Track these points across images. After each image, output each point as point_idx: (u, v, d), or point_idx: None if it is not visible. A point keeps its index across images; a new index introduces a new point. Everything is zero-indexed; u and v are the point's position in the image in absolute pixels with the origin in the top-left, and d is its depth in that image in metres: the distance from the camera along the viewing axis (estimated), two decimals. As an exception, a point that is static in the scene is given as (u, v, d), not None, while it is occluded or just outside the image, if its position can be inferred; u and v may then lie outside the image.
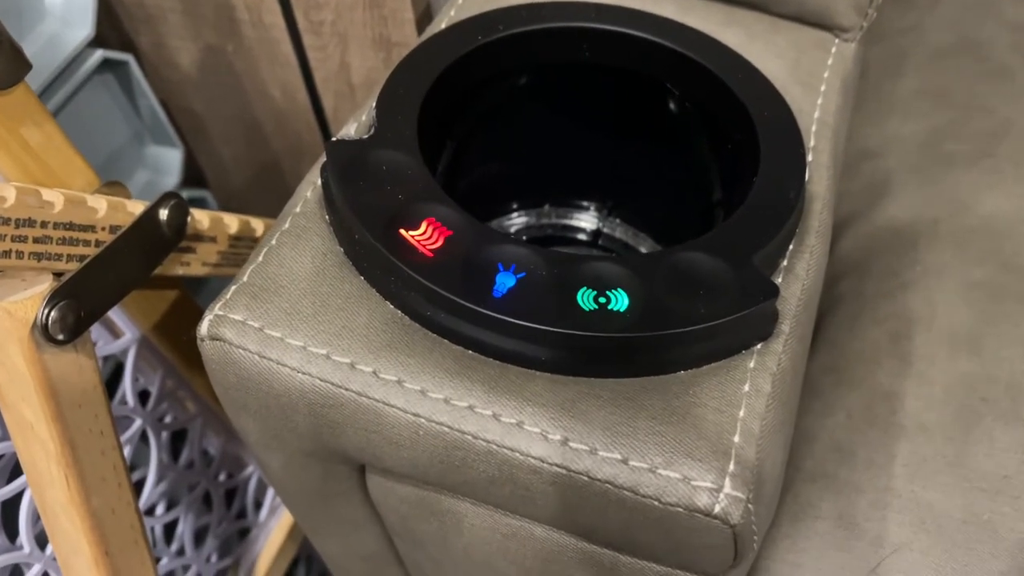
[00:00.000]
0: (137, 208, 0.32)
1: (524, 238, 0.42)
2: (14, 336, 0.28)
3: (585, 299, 0.26)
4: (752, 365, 0.27)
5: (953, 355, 0.38)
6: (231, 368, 0.27)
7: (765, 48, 0.36)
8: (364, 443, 0.27)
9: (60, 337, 0.29)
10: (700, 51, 0.34)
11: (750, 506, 0.24)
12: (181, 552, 0.46)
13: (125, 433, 0.40)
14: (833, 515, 0.34)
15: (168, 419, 0.44)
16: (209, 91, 0.51)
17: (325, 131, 0.50)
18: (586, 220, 0.43)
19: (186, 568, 0.47)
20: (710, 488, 0.24)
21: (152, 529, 0.44)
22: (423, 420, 0.25)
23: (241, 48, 0.47)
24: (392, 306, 0.27)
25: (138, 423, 0.40)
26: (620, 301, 0.26)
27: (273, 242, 0.29)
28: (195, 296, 0.42)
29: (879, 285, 0.42)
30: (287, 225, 0.29)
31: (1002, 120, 0.49)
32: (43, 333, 0.28)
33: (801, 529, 0.35)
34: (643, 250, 0.42)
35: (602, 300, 0.26)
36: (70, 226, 0.29)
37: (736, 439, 0.25)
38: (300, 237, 0.29)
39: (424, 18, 0.42)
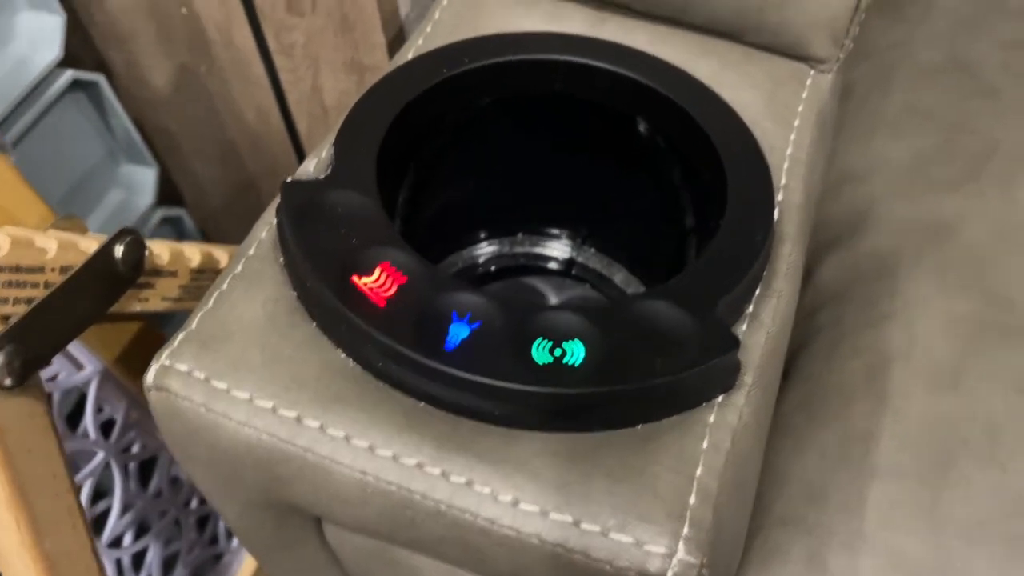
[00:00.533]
0: (91, 246, 0.31)
1: (494, 268, 0.41)
2: (-43, 383, 0.27)
3: (540, 351, 0.25)
4: (712, 420, 0.26)
5: (931, 392, 0.37)
6: (177, 419, 0.26)
7: (739, 79, 0.35)
8: (313, 499, 0.26)
9: (6, 383, 0.28)
10: (669, 85, 0.33)
11: (704, 571, 0.23)
12: (150, 581, 0.46)
13: (88, 465, 0.40)
14: (803, 559, 0.34)
15: (135, 449, 0.43)
16: (183, 111, 0.50)
17: (300, 152, 0.49)
18: (559, 249, 0.42)
19: (156, 597, 0.46)
20: (663, 554, 0.23)
21: (118, 561, 0.43)
22: (371, 478, 0.25)
23: (213, 68, 0.46)
24: (344, 355, 0.27)
25: (101, 456, 0.40)
26: (576, 354, 0.25)
27: (224, 287, 0.28)
28: (163, 324, 0.42)
29: (858, 316, 0.41)
30: (240, 268, 0.29)
31: (988, 141, 0.48)
32: (-12, 379, 0.28)
33: (770, 573, 0.34)
34: (617, 279, 0.42)
35: (557, 352, 0.25)
36: (17, 269, 0.28)
37: (692, 500, 0.24)
38: (252, 282, 0.28)
39: (396, 42, 0.41)
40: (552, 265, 0.42)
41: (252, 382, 0.26)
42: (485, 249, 0.42)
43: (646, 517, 0.24)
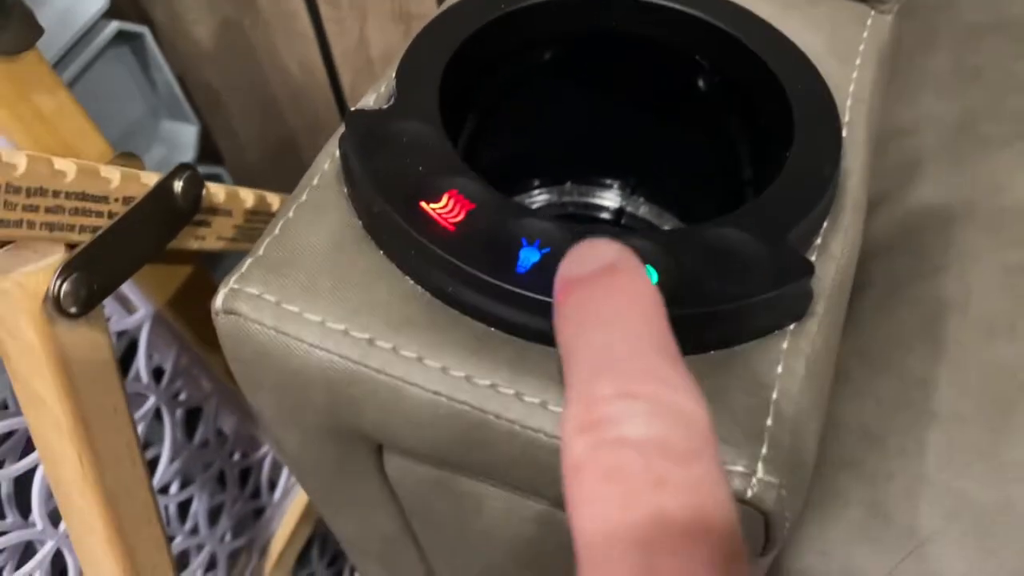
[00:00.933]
0: (151, 179, 0.31)
1: (545, 216, 0.41)
2: (25, 309, 0.27)
3: (612, 276, 0.25)
4: (786, 346, 0.26)
5: (989, 341, 0.37)
6: (247, 343, 0.26)
7: (800, 20, 0.34)
8: (383, 421, 0.26)
9: (72, 310, 0.28)
10: (732, 22, 0.32)
11: (783, 492, 0.23)
12: (195, 531, 0.46)
13: (139, 410, 0.40)
14: (863, 503, 0.34)
15: (183, 396, 0.43)
16: (225, 66, 0.50)
17: (343, 107, 0.49)
18: (609, 198, 0.42)
19: (200, 547, 0.46)
20: (742, 473, 0.23)
21: (166, 507, 0.43)
22: (444, 399, 0.24)
23: (258, 22, 0.46)
24: (412, 281, 0.26)
25: (152, 400, 0.40)
26: (649, 277, 0.25)
27: (290, 215, 0.28)
28: (211, 272, 0.42)
29: (911, 267, 0.41)
30: (304, 198, 0.28)
31: (1039, 100, 0.48)
32: (55, 306, 0.28)
33: (829, 517, 0.34)
34: (669, 227, 0.41)
35: (630, 277, 0.25)
36: (83, 196, 0.28)
37: (769, 422, 0.24)
38: (318, 210, 0.28)
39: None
40: (602, 214, 0.42)
41: (322, 305, 0.26)
42: (536, 197, 0.42)
43: (724, 438, 0.23)
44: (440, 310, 0.26)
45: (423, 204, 0.26)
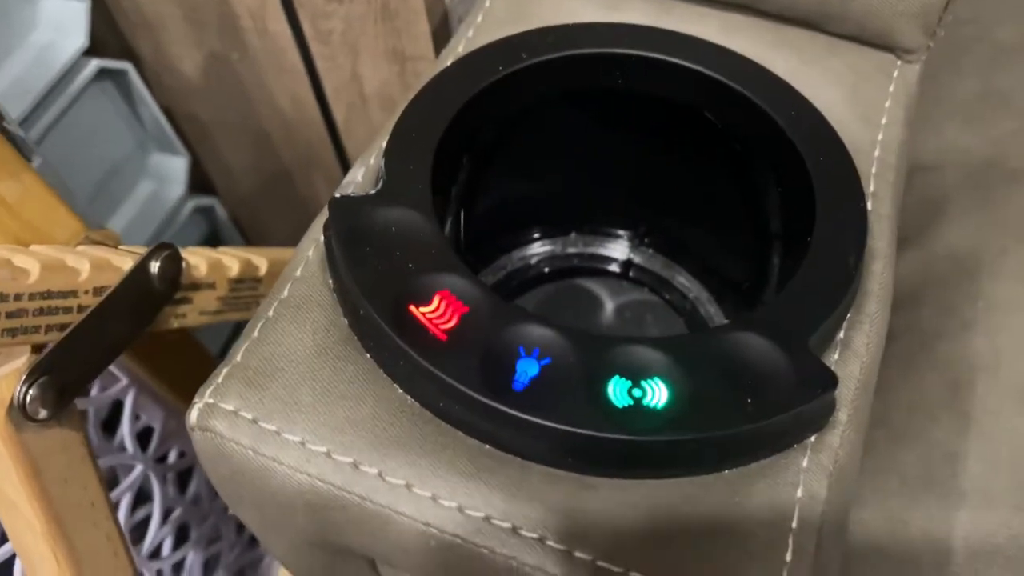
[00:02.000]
0: (125, 263, 0.29)
1: (547, 269, 0.39)
2: (-11, 417, 0.26)
3: (618, 393, 0.23)
4: (805, 464, 0.24)
5: (1021, 409, 0.34)
6: (223, 461, 0.24)
7: (820, 75, 0.32)
8: (371, 546, 0.24)
9: (41, 415, 0.27)
10: (745, 82, 0.30)
11: (804, 638, 0.21)
12: (191, 587, 0.45)
13: (127, 478, 0.38)
14: (886, 595, 0.32)
15: (172, 458, 0.41)
16: (214, 99, 0.48)
17: (336, 140, 0.47)
18: (616, 249, 0.39)
19: (196, 604, 0.45)
20: (758, 621, 0.21)
21: (160, 571, 0.42)
22: (434, 531, 0.23)
23: (246, 56, 0.44)
24: (401, 391, 0.24)
25: (139, 469, 0.38)
26: (658, 395, 0.23)
27: (270, 314, 0.26)
28: (198, 330, 0.40)
29: (936, 323, 0.39)
30: (286, 293, 0.26)
31: (1073, 131, 0.45)
32: (22, 413, 0.26)
33: (851, 609, 0.32)
34: (678, 282, 0.39)
35: (637, 393, 0.23)
36: (48, 295, 0.26)
37: (788, 558, 0.22)
38: (300, 308, 0.26)
39: (441, 30, 0.38)
40: (609, 266, 0.40)
41: (304, 424, 0.24)
42: (538, 249, 0.40)
43: (740, 578, 0.21)
44: (431, 425, 0.24)
45: (412, 308, 0.24)
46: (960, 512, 0.32)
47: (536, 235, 0.39)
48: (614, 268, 0.40)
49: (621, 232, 0.39)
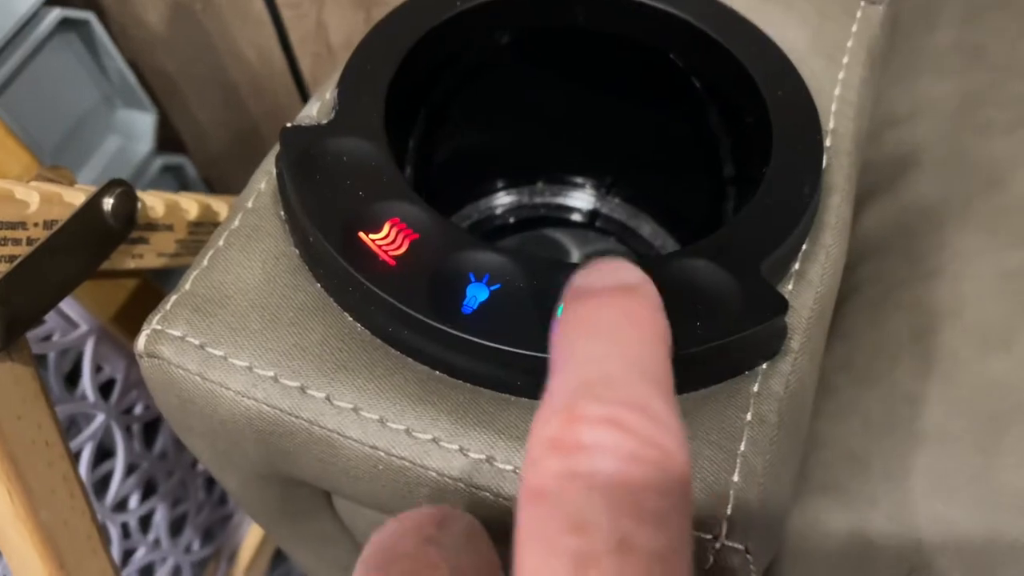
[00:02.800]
0: (77, 198, 0.29)
1: (512, 219, 0.39)
2: (-65, 348, 0.25)
3: (567, 315, 0.23)
4: (756, 389, 0.23)
5: (983, 354, 0.34)
6: (171, 388, 0.24)
7: (784, 13, 0.32)
8: (320, 473, 0.24)
9: (-11, 347, 0.26)
10: (708, 20, 0.30)
11: (748, 556, 0.21)
12: (158, 543, 0.44)
13: (88, 428, 0.38)
14: (845, 531, 0.32)
15: (138, 410, 0.41)
16: (180, 51, 0.47)
17: (304, 93, 0.46)
18: (581, 199, 0.39)
19: (164, 559, 0.45)
20: (703, 539, 0.21)
21: (125, 524, 0.42)
22: (382, 454, 0.22)
23: (210, 7, 0.43)
24: (351, 318, 0.24)
25: (101, 418, 0.38)
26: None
27: (220, 243, 0.26)
28: (161, 279, 0.39)
29: (903, 271, 0.39)
30: (236, 223, 0.26)
31: (1043, 84, 0.45)
32: (-32, 344, 0.26)
33: (809, 547, 0.32)
34: (645, 231, 0.39)
35: (587, 316, 0.23)
36: (-5, 224, 0.26)
37: (735, 479, 0.22)
38: (251, 238, 0.26)
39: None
40: (575, 216, 0.39)
41: (251, 349, 0.23)
42: (503, 199, 0.39)
43: (685, 498, 0.21)
44: (380, 351, 0.24)
45: (362, 235, 0.24)
46: (920, 453, 0.32)
47: (501, 185, 0.39)
48: (580, 218, 0.39)
49: (586, 182, 0.39)
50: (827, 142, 0.29)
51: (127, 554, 0.43)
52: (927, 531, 0.31)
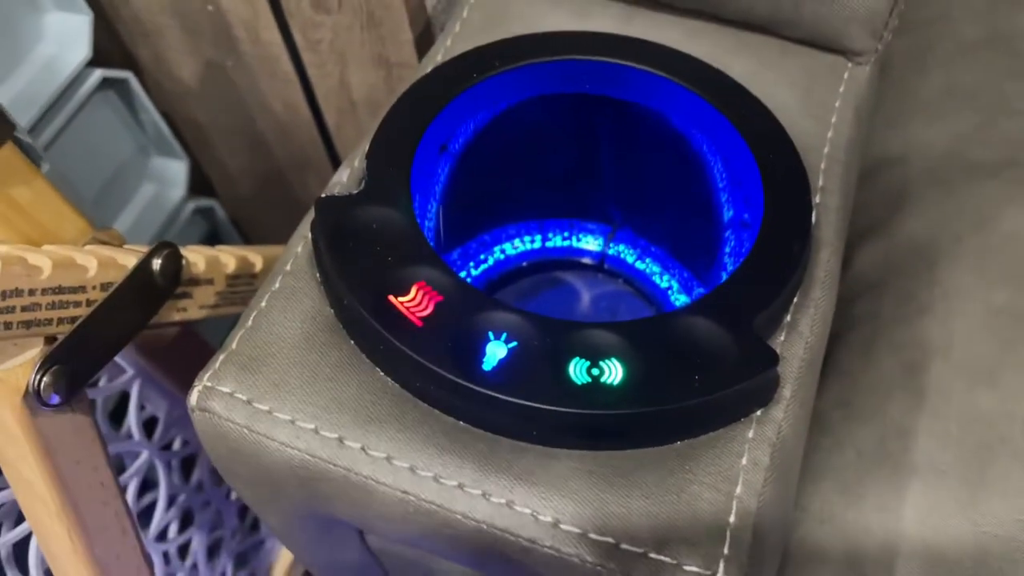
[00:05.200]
0: (129, 260, 0.31)
1: (526, 263, 0.41)
2: (7, 403, 0.28)
3: (578, 371, 0.25)
4: (751, 435, 0.26)
5: (970, 388, 0.37)
6: (221, 440, 0.27)
7: (776, 77, 0.34)
8: (356, 515, 0.27)
9: (54, 401, 0.29)
10: (704, 86, 0.32)
11: (745, 590, 0.24)
12: (195, 568, 0.47)
13: (134, 464, 0.41)
14: (840, 560, 0.34)
15: (177, 445, 0.44)
16: (211, 104, 0.50)
17: (328, 143, 0.49)
18: (591, 243, 0.42)
19: (201, 584, 0.47)
20: (702, 574, 0.23)
21: (166, 552, 0.44)
22: (412, 498, 0.25)
23: (241, 64, 0.46)
24: (382, 373, 0.27)
25: (145, 455, 0.41)
26: (615, 374, 0.25)
27: (263, 304, 0.28)
28: (199, 325, 0.42)
29: (895, 308, 0.41)
30: (277, 286, 0.29)
31: (1031, 124, 0.47)
32: (36, 398, 0.28)
33: (809, 574, 0.34)
34: (651, 272, 0.41)
35: (595, 372, 0.25)
36: (59, 290, 0.28)
37: (732, 519, 0.24)
38: (290, 299, 0.28)
39: (423, 36, 0.41)
40: (584, 259, 0.42)
41: (293, 403, 0.26)
42: (519, 244, 0.42)
43: (686, 538, 0.24)
44: (410, 404, 0.26)
45: (391, 298, 0.26)
46: (911, 484, 0.35)
47: (515, 231, 0.42)
48: (590, 261, 0.42)
49: (595, 227, 0.42)
50: (817, 199, 0.31)
51: (166, 581, 0.45)
52: (917, 561, 0.33)
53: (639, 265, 0.41)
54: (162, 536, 0.44)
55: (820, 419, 0.39)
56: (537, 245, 0.42)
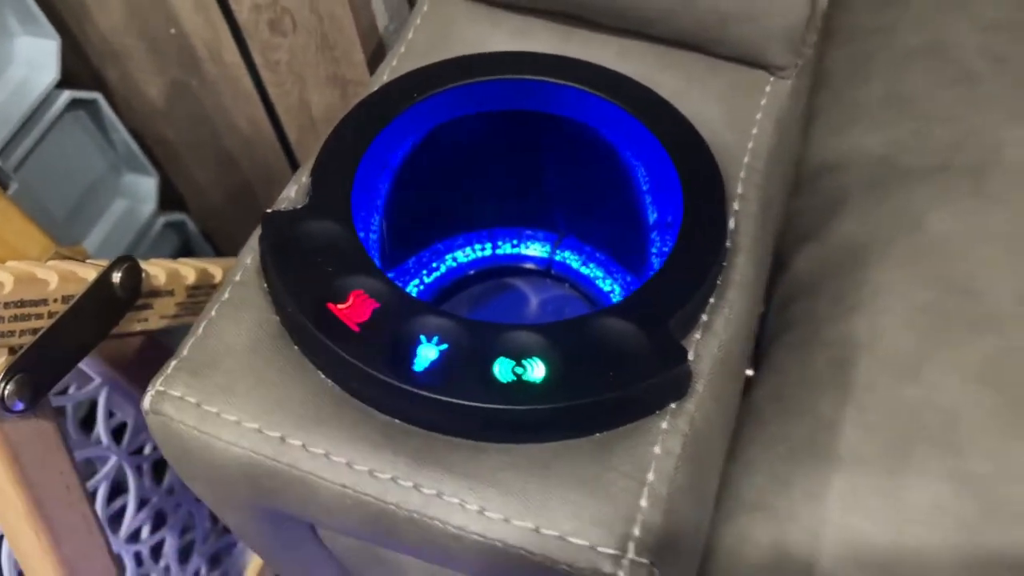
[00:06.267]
0: (90, 274, 0.33)
1: (474, 271, 0.43)
2: (-27, 410, 0.30)
3: (502, 370, 0.27)
4: (664, 426, 0.28)
5: (894, 382, 0.39)
6: (173, 440, 0.29)
7: (702, 92, 0.36)
8: (301, 508, 0.29)
9: (18, 408, 0.31)
10: (631, 102, 0.34)
11: (655, 569, 0.25)
12: (168, 570, 0.49)
13: (103, 468, 0.42)
14: (767, 545, 0.36)
15: (147, 450, 0.46)
16: (179, 122, 0.52)
17: (291, 157, 0.51)
18: (538, 250, 0.44)
19: (174, 585, 0.49)
20: (614, 555, 0.25)
21: (138, 553, 0.46)
22: (350, 491, 0.27)
23: (205, 83, 0.48)
24: (323, 376, 0.29)
25: (114, 459, 0.42)
26: (536, 371, 0.27)
27: (213, 313, 0.30)
28: (165, 333, 0.44)
29: (828, 308, 0.43)
30: (226, 296, 0.31)
31: (963, 130, 0.49)
32: (1, 406, 0.30)
33: (736, 560, 0.36)
34: (595, 276, 0.43)
35: (519, 370, 0.27)
36: (21, 303, 0.30)
37: (643, 503, 0.26)
38: (238, 308, 0.30)
39: (376, 57, 0.43)
40: (532, 266, 0.44)
41: (239, 406, 0.28)
42: (469, 253, 0.44)
43: (599, 522, 0.26)
44: (348, 404, 0.28)
45: (331, 305, 0.28)
46: (836, 473, 0.37)
47: (468, 240, 0.44)
48: (538, 267, 0.44)
49: (542, 235, 0.44)
50: (736, 206, 0.33)
51: (139, 582, 0.47)
52: (839, 544, 0.35)
53: (584, 270, 0.43)
54: (134, 537, 0.46)
55: (756, 414, 0.41)
56: (488, 253, 0.44)
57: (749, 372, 0.44)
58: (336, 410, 0.28)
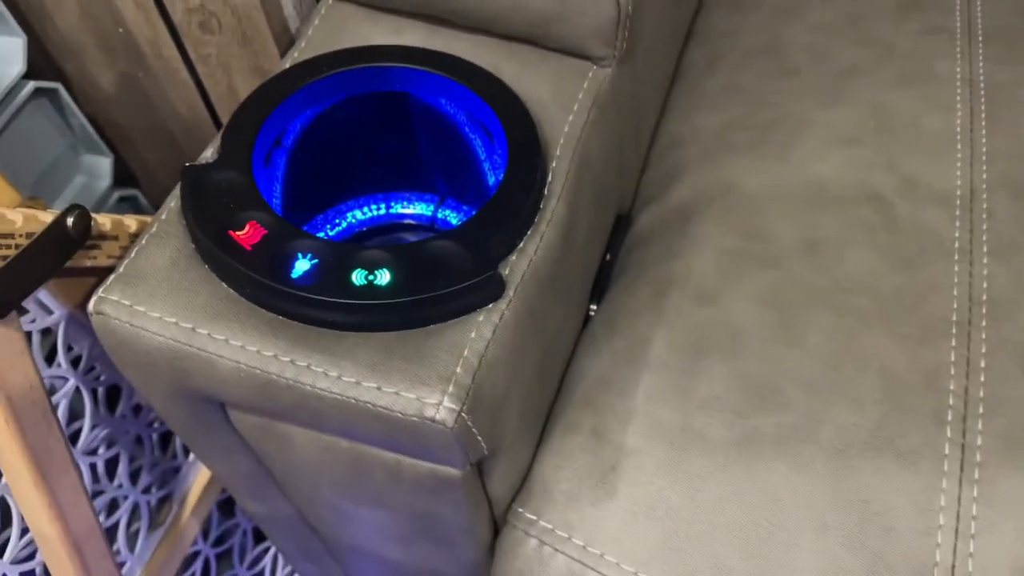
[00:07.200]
0: (48, 218, 0.42)
1: (367, 228, 0.53)
2: (-43, 316, 0.39)
3: (358, 277, 0.37)
4: (480, 319, 0.38)
5: (696, 307, 0.49)
6: (111, 334, 0.38)
7: (534, 76, 0.46)
8: (207, 384, 0.38)
9: (-8, 316, 0.40)
10: (475, 83, 0.44)
11: (464, 415, 0.35)
12: (121, 486, 0.58)
13: (62, 389, 0.51)
14: (588, 430, 0.46)
15: (103, 378, 0.55)
16: (129, 108, 0.61)
17: (226, 139, 0.60)
18: (424, 209, 0.53)
19: (125, 498, 0.58)
20: (434, 403, 0.35)
21: (94, 465, 0.55)
22: (243, 366, 0.36)
23: (149, 75, 0.57)
24: (226, 286, 0.38)
25: (71, 382, 0.51)
26: (383, 278, 0.37)
27: (143, 242, 0.40)
28: (115, 280, 0.53)
29: (656, 255, 0.53)
30: (154, 229, 0.40)
31: (780, 112, 0.60)
32: (-23, 313, 0.39)
33: (565, 442, 0.46)
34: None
35: (371, 277, 0.37)
36: (-6, 235, 0.39)
37: (458, 369, 0.36)
38: (163, 238, 0.40)
39: (288, 50, 0.52)
40: (417, 223, 0.53)
41: (161, 306, 0.37)
42: (366, 211, 0.53)
43: (426, 382, 0.35)
44: (243, 305, 0.38)
45: (231, 232, 0.38)
46: (644, 375, 0.47)
47: (366, 201, 0.53)
48: (422, 224, 0.54)
49: (428, 197, 0.53)
50: (553, 164, 0.43)
51: (96, 495, 0.56)
52: (643, 426, 0.45)
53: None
54: (94, 451, 0.55)
55: (591, 336, 0.51)
56: (382, 212, 0.54)
57: (593, 307, 0.53)
58: (234, 308, 0.37)
